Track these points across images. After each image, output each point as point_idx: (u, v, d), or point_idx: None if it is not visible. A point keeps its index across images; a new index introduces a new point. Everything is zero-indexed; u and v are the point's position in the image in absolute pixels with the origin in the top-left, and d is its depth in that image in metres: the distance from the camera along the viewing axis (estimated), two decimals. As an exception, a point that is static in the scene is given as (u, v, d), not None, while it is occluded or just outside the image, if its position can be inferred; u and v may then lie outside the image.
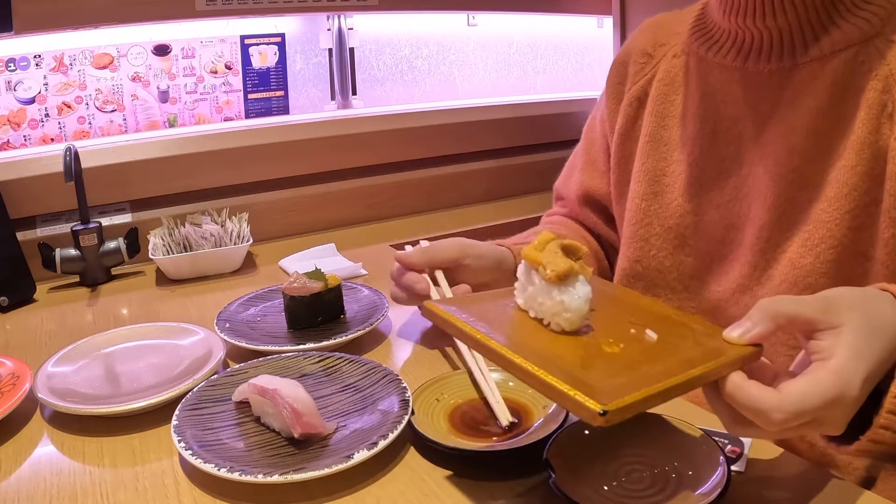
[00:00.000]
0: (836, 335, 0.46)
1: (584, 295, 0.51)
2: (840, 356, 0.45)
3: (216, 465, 0.54)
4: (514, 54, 1.83)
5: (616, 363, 0.47)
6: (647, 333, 0.51)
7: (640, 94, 0.82)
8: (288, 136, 1.33)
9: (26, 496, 0.57)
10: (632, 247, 0.80)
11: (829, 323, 0.46)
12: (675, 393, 0.44)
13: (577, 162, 0.96)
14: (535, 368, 0.45)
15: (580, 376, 0.44)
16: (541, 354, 0.47)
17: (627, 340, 0.50)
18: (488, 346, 0.49)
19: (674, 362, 0.47)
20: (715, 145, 0.73)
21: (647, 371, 0.45)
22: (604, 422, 0.40)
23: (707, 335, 0.51)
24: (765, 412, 0.44)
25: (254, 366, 0.71)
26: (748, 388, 0.45)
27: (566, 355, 0.48)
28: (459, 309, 0.54)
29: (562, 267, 0.51)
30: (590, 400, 0.41)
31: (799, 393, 0.44)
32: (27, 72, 1.26)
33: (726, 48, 0.71)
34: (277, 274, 1.09)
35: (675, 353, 0.49)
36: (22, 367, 0.72)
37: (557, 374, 0.44)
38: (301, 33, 1.52)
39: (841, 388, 0.44)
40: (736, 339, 0.49)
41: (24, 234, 1.11)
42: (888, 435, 0.47)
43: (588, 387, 0.42)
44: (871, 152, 0.61)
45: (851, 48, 0.63)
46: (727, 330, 0.49)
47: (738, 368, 0.46)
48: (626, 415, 0.41)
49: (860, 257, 0.63)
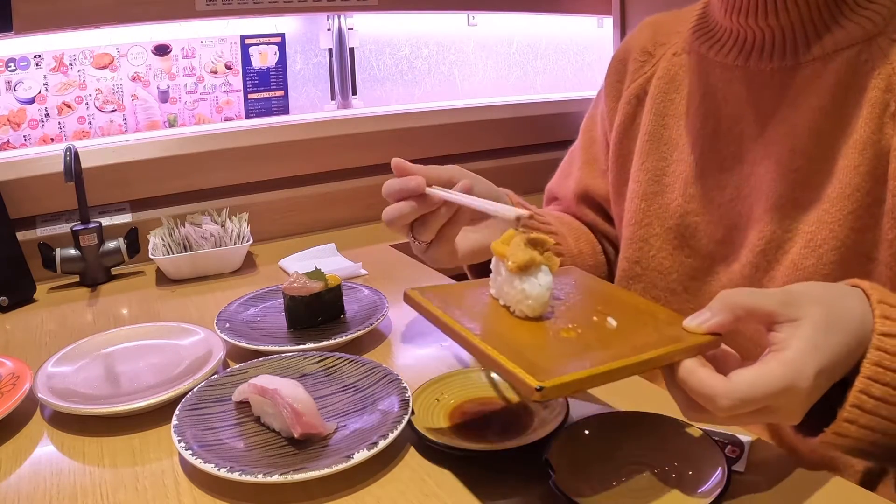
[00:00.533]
0: (794, 328, 0.47)
1: (546, 284, 0.54)
2: (793, 348, 0.46)
3: (216, 465, 0.54)
4: (514, 54, 1.83)
5: (569, 346, 0.50)
6: (608, 321, 0.53)
7: (640, 92, 0.82)
8: (288, 136, 1.33)
9: (26, 496, 0.57)
10: (631, 247, 0.80)
11: (789, 316, 0.47)
12: (617, 375, 0.46)
13: (575, 161, 0.95)
14: (486, 347, 0.48)
15: (529, 356, 0.47)
16: (500, 337, 0.51)
17: (587, 326, 0.53)
18: (453, 329, 0.52)
19: (626, 347, 0.49)
20: (716, 145, 0.73)
21: (597, 354, 0.48)
22: (540, 397, 0.42)
23: (668, 323, 0.52)
24: (713, 397, 0.45)
25: (254, 366, 0.71)
26: (699, 373, 0.47)
27: (523, 338, 0.51)
28: (437, 296, 0.58)
29: (521, 258, 0.54)
30: (528, 376, 0.43)
31: (747, 381, 0.45)
32: (27, 72, 1.26)
33: (728, 47, 0.71)
34: (277, 274, 1.09)
35: (630, 338, 0.51)
36: (22, 367, 0.72)
37: (507, 353, 0.47)
38: (301, 33, 1.52)
39: (791, 378, 0.45)
40: (694, 327, 0.50)
41: (24, 234, 1.11)
42: (852, 429, 0.48)
43: (533, 365, 0.45)
44: (873, 152, 0.61)
45: (854, 47, 0.63)
46: (687, 319, 0.51)
47: (693, 356, 0.48)
48: (563, 392, 0.44)
49: (863, 258, 0.62)
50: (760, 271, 0.68)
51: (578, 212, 0.94)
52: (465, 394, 0.66)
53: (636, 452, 0.55)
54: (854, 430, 0.48)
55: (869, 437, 0.49)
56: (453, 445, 0.57)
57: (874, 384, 0.48)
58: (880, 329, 0.49)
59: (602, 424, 0.58)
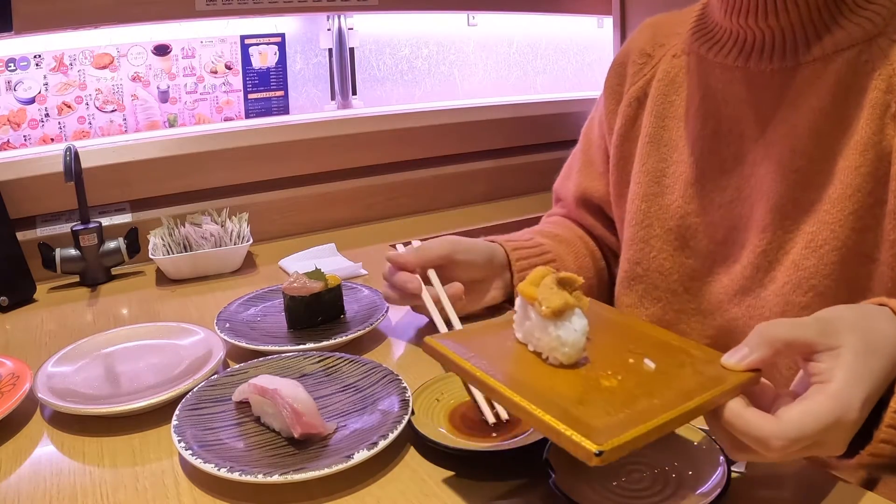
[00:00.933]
0: (835, 357, 0.46)
1: (581, 328, 0.52)
2: (838, 379, 0.45)
3: (216, 465, 0.54)
4: (514, 54, 1.83)
5: (613, 398, 0.47)
6: (645, 363, 0.51)
7: (640, 94, 0.82)
8: (288, 136, 1.33)
9: (26, 496, 0.57)
10: (632, 249, 0.80)
11: (828, 345, 0.46)
12: (671, 427, 0.45)
13: (575, 163, 0.95)
14: (532, 407, 0.45)
15: (576, 413, 0.45)
16: (538, 390, 0.48)
17: (625, 371, 0.50)
18: (487, 384, 0.49)
19: (672, 394, 0.47)
20: (716, 146, 0.73)
21: (645, 405, 0.46)
22: (600, 461, 0.41)
23: (706, 362, 0.51)
24: (764, 440, 0.44)
25: (254, 366, 0.71)
26: (747, 415, 0.45)
27: (563, 390, 0.48)
28: (459, 344, 0.55)
29: (556, 303, 0.51)
30: (585, 440, 0.41)
31: (797, 419, 0.44)
32: (27, 72, 1.26)
33: (728, 48, 0.71)
34: (277, 274, 1.09)
35: (672, 383, 0.49)
36: (22, 367, 0.72)
37: (554, 411, 0.45)
38: (301, 33, 1.52)
39: (840, 412, 0.44)
40: (734, 365, 0.48)
41: (24, 234, 1.11)
42: (888, 448, 0.48)
43: (584, 425, 0.43)
44: (874, 153, 0.61)
45: (854, 47, 0.63)
46: (725, 356, 0.49)
47: (736, 395, 0.46)
48: (622, 453, 0.42)
49: (864, 259, 0.62)
50: (761, 272, 0.68)
51: (578, 215, 0.94)
52: (465, 394, 0.66)
53: (636, 452, 0.55)
54: (889, 449, 0.48)
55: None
56: (453, 445, 0.57)
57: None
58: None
59: (602, 424, 0.58)
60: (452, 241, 0.81)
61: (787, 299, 0.65)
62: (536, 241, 0.89)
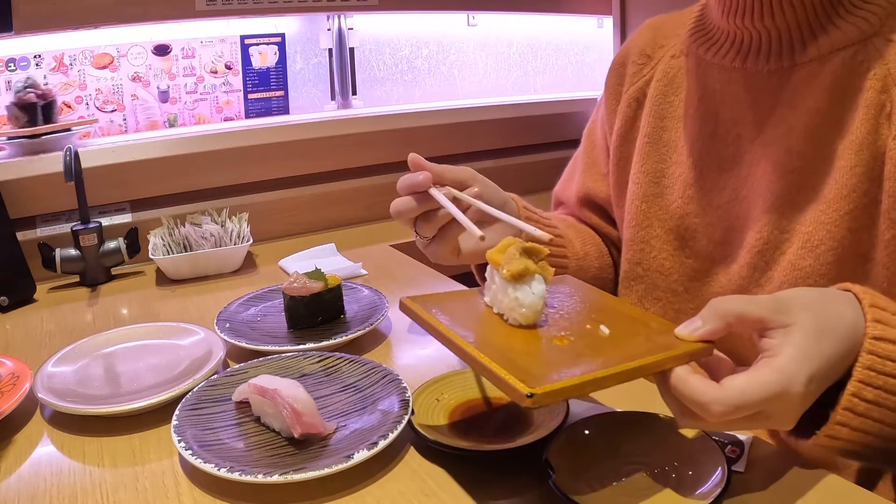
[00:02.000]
0: (785, 334, 0.47)
1: (539, 292, 0.55)
2: (785, 354, 0.46)
3: (216, 465, 0.54)
4: (514, 54, 1.83)
5: (561, 354, 0.51)
6: (600, 328, 0.54)
7: (639, 94, 0.82)
8: (288, 136, 1.33)
9: (26, 496, 0.57)
10: (632, 249, 0.80)
11: (780, 322, 0.48)
12: (608, 382, 0.47)
13: (578, 165, 0.95)
14: (477, 353, 0.48)
15: (521, 363, 0.48)
16: (493, 344, 0.51)
17: (579, 335, 0.53)
18: (447, 337, 0.52)
19: (617, 355, 0.49)
20: (714, 146, 0.73)
21: (588, 362, 0.48)
22: (531, 403, 0.43)
23: (660, 332, 0.53)
24: (705, 404, 0.46)
25: (254, 366, 0.71)
26: (691, 381, 0.47)
27: (516, 346, 0.52)
28: (432, 304, 0.59)
29: (516, 267, 0.55)
30: (520, 383, 0.44)
31: (739, 387, 0.46)
32: (27, 72, 1.26)
33: (725, 49, 0.71)
34: (277, 274, 1.09)
35: (621, 346, 0.51)
36: (22, 367, 0.72)
37: (499, 360, 0.47)
38: (301, 33, 1.52)
39: (783, 384, 0.46)
40: (686, 335, 0.50)
41: (24, 234, 1.11)
42: (844, 431, 0.49)
43: (524, 372, 0.45)
44: (870, 153, 0.61)
45: (850, 48, 0.63)
46: (679, 327, 0.51)
47: (685, 363, 0.48)
48: (553, 399, 0.44)
49: (860, 259, 0.62)
50: (758, 272, 0.68)
51: (582, 216, 0.94)
52: (465, 394, 0.66)
53: (636, 452, 0.55)
54: (846, 432, 0.49)
55: (861, 440, 0.49)
56: (453, 445, 0.57)
57: (866, 387, 0.48)
58: (872, 333, 0.49)
59: (602, 424, 0.58)
60: (472, 171, 0.76)
61: (784, 299, 0.65)
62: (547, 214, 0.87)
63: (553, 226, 0.86)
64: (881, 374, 0.48)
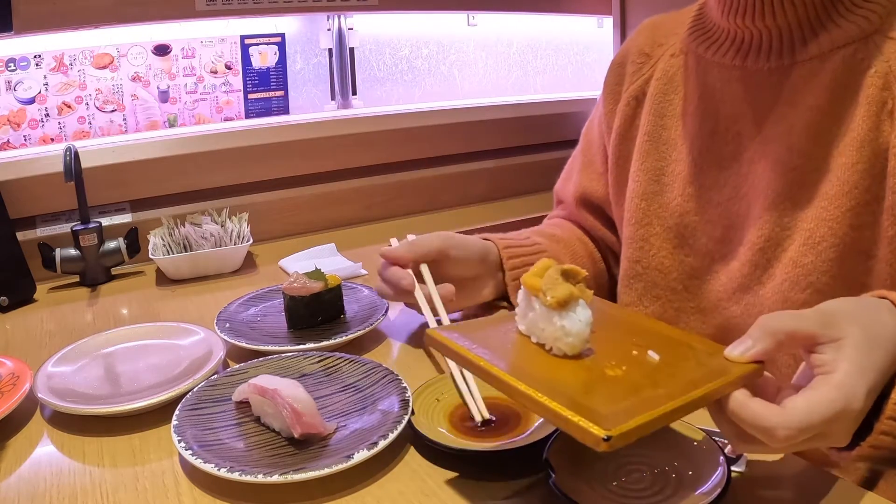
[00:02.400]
0: (838, 349, 0.46)
1: (586, 319, 0.52)
2: (842, 370, 0.45)
3: (216, 465, 0.54)
4: (514, 54, 1.83)
5: (619, 387, 0.48)
6: (649, 355, 0.51)
7: (638, 93, 0.82)
8: (288, 136, 1.33)
9: (26, 496, 0.57)
10: (631, 247, 0.80)
11: (830, 336, 0.47)
12: (678, 415, 0.45)
13: (576, 165, 0.95)
14: (538, 395, 0.45)
15: (583, 401, 0.45)
16: (544, 380, 0.48)
17: (630, 363, 0.51)
18: (491, 373, 0.49)
19: (676, 384, 0.47)
20: (714, 144, 0.73)
21: (650, 394, 0.46)
22: (608, 447, 0.41)
23: (709, 354, 0.51)
24: (769, 429, 0.44)
25: (254, 366, 0.71)
26: (752, 405, 0.45)
27: (569, 380, 0.49)
28: (462, 335, 0.54)
29: (562, 293, 0.51)
30: (593, 426, 0.41)
31: (803, 409, 0.44)
32: (27, 72, 1.26)
33: (725, 47, 0.71)
34: (277, 274, 1.09)
35: (677, 374, 0.49)
36: (22, 367, 0.72)
37: (561, 399, 0.44)
38: (301, 33, 1.52)
39: (845, 402, 0.44)
40: (737, 357, 0.49)
41: (24, 234, 1.11)
42: (888, 440, 0.48)
43: (591, 412, 0.43)
44: (871, 150, 0.61)
45: (851, 45, 0.63)
46: (728, 348, 0.49)
47: (740, 386, 0.47)
48: (629, 439, 0.42)
49: (862, 255, 0.62)
50: (759, 269, 0.68)
51: (578, 215, 0.94)
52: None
53: (636, 452, 0.55)
54: (890, 441, 0.48)
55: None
56: (453, 445, 0.57)
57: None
58: None
59: (602, 424, 0.58)
60: (446, 237, 0.81)
61: (785, 296, 0.65)
62: (533, 239, 0.89)
63: (543, 250, 0.87)
64: None
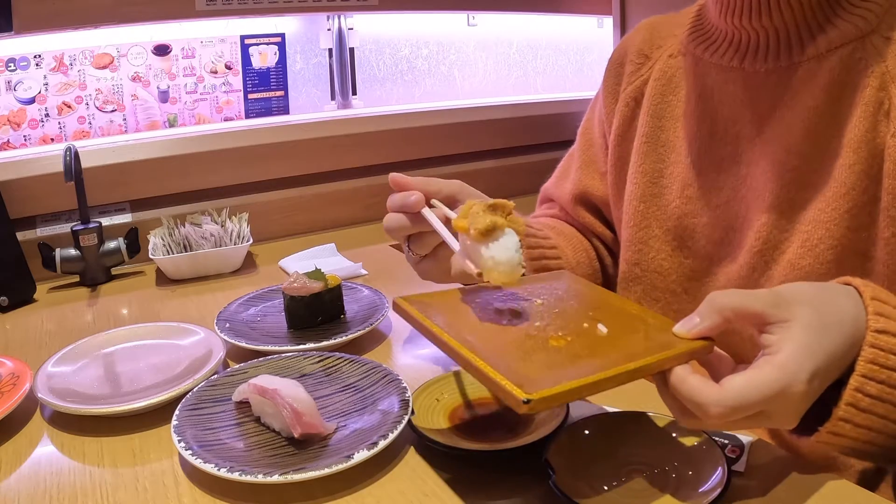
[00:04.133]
0: (785, 329, 0.46)
1: (513, 245, 0.54)
2: (786, 350, 0.45)
3: (216, 465, 0.54)
4: (514, 54, 1.83)
5: (558, 355, 0.49)
6: (598, 328, 0.52)
7: (637, 94, 0.82)
8: (288, 136, 1.33)
9: (26, 496, 0.57)
10: (630, 249, 0.80)
11: (779, 317, 0.47)
12: (607, 385, 0.46)
13: (574, 163, 0.95)
14: (473, 357, 0.47)
15: (516, 367, 0.46)
16: (488, 347, 0.49)
17: (577, 334, 0.52)
18: (439, 338, 0.51)
19: (616, 355, 0.48)
20: (712, 146, 0.73)
21: (586, 363, 0.47)
22: (528, 409, 0.42)
23: (659, 329, 0.52)
24: (704, 405, 0.45)
25: (254, 366, 0.71)
26: (690, 381, 0.46)
27: (511, 348, 0.50)
28: (425, 305, 0.56)
29: (482, 223, 0.54)
30: (516, 388, 0.43)
31: (739, 387, 0.45)
32: (27, 72, 1.26)
33: (723, 48, 0.71)
34: (277, 274, 1.09)
35: (620, 346, 0.50)
36: (22, 367, 0.72)
37: (495, 363, 0.46)
38: (301, 33, 1.52)
39: (785, 382, 0.44)
40: (684, 333, 0.49)
41: (24, 234, 1.11)
42: (848, 427, 0.48)
43: (521, 377, 0.44)
44: (868, 150, 0.61)
45: (848, 46, 0.63)
46: (677, 325, 0.50)
47: (684, 362, 0.47)
48: (551, 404, 0.43)
49: (860, 257, 0.62)
50: (758, 272, 0.68)
51: (575, 213, 0.93)
52: (465, 394, 0.66)
53: (636, 452, 0.55)
54: (850, 428, 0.48)
55: (865, 436, 0.48)
56: (453, 445, 0.57)
57: (869, 382, 0.47)
58: (874, 326, 0.48)
59: (602, 424, 0.58)
60: (462, 183, 0.75)
61: (783, 298, 0.65)
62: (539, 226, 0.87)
63: (546, 236, 0.86)
64: (884, 368, 0.47)
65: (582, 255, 0.90)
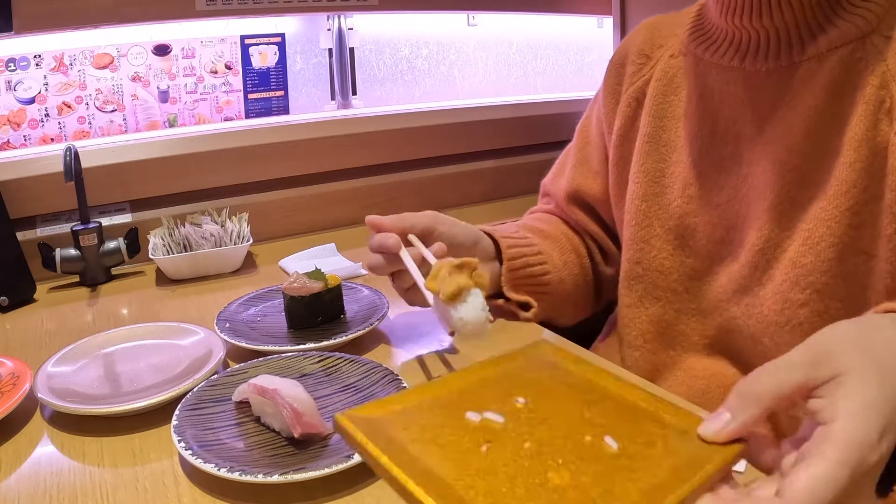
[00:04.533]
0: (836, 388, 0.37)
1: (479, 305, 0.58)
2: (843, 416, 0.36)
3: (216, 465, 0.54)
4: (514, 54, 1.83)
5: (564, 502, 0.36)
6: (605, 441, 0.41)
7: (638, 94, 0.82)
8: (288, 136, 1.33)
9: (26, 496, 0.57)
10: (632, 249, 0.80)
11: (825, 376, 0.38)
12: None
13: (569, 160, 0.95)
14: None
15: None
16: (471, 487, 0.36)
17: (580, 458, 0.39)
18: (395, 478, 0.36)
19: (636, 496, 0.36)
20: (714, 145, 0.73)
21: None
22: None
23: (680, 433, 0.41)
24: None
25: (254, 366, 0.71)
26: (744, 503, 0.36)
27: (504, 489, 0.36)
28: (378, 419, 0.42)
29: (449, 289, 0.57)
30: None
31: (805, 491, 0.34)
32: (27, 72, 1.26)
33: (724, 48, 0.71)
34: (277, 274, 1.09)
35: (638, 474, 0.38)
36: (22, 367, 0.72)
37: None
38: (301, 33, 1.52)
39: (856, 460, 0.35)
40: (713, 436, 0.39)
41: (24, 234, 1.11)
42: None
43: None
44: (869, 148, 0.61)
45: (848, 45, 0.63)
46: (702, 426, 0.40)
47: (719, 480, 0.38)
48: None
49: (862, 255, 0.62)
50: (759, 271, 0.68)
51: (568, 211, 0.94)
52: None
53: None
54: None
55: None
56: (453, 446, 0.57)
57: None
58: None
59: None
60: (435, 215, 0.78)
61: (785, 297, 0.65)
62: (522, 234, 0.88)
63: (531, 243, 0.86)
64: None
65: (570, 256, 0.90)
